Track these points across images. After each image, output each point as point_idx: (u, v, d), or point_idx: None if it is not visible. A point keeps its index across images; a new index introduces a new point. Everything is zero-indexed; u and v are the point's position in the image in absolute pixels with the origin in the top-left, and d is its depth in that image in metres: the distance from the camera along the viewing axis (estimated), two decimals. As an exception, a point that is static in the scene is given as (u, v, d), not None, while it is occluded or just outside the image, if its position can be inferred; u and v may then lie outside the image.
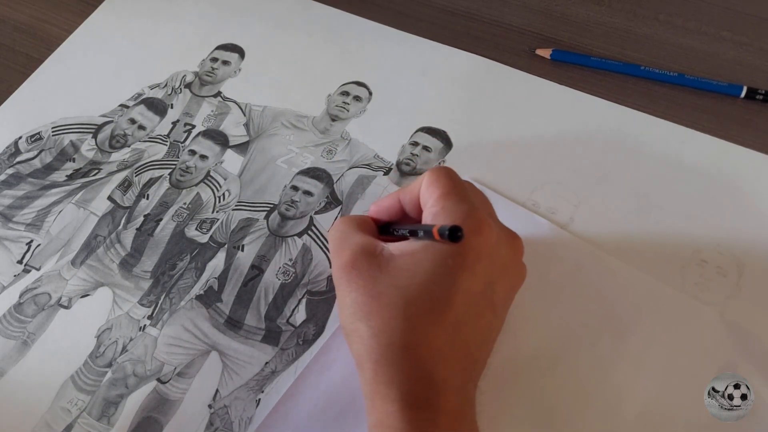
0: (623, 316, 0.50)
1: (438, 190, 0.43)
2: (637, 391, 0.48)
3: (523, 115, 0.61)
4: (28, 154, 0.63)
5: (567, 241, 0.48)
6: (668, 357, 0.48)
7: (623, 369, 0.48)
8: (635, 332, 0.50)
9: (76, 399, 0.51)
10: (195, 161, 0.61)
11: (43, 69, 0.69)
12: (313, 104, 0.64)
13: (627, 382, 0.48)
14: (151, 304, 0.54)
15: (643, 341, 0.49)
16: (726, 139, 0.58)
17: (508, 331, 0.47)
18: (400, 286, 0.41)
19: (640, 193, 0.56)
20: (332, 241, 0.46)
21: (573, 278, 0.52)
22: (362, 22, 0.69)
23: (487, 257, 0.42)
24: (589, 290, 0.52)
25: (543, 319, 0.51)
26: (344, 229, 0.46)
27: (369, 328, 0.41)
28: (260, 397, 0.50)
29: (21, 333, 0.54)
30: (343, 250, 0.44)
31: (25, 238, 0.58)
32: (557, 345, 0.49)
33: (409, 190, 0.47)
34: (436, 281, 0.41)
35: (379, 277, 0.42)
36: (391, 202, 0.48)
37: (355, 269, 0.42)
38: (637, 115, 0.60)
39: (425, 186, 0.45)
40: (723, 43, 0.65)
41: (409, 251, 0.42)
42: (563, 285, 0.52)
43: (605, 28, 0.67)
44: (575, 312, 0.51)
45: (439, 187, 0.44)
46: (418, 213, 0.46)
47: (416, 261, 0.41)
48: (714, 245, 0.53)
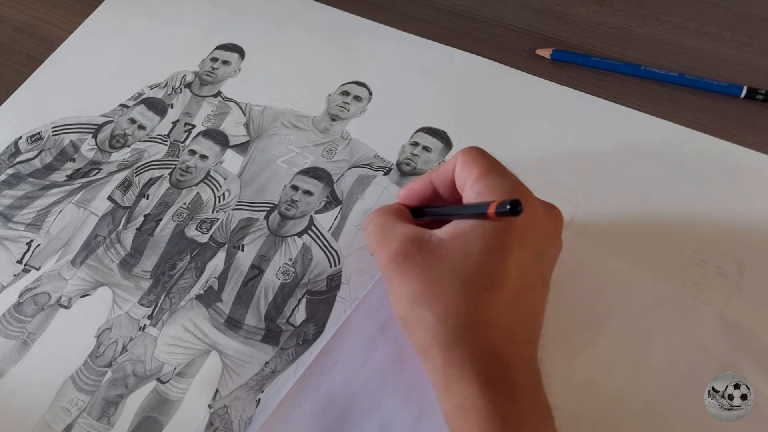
0: (624, 315, 0.51)
1: (477, 168, 0.44)
2: (637, 391, 0.48)
3: (523, 115, 0.61)
4: (29, 154, 0.63)
5: (567, 241, 0.48)
6: (669, 356, 0.49)
7: (624, 369, 0.49)
8: (636, 332, 0.50)
9: (76, 399, 0.51)
10: (195, 161, 0.61)
11: (43, 69, 0.69)
12: (313, 104, 0.64)
13: (627, 382, 0.48)
14: (151, 303, 0.55)
15: (644, 341, 0.49)
16: (726, 139, 0.58)
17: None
18: (457, 268, 0.41)
19: (640, 194, 0.56)
20: (373, 235, 0.46)
21: (573, 278, 0.52)
22: (363, 21, 0.69)
23: (533, 229, 0.43)
24: (590, 290, 0.52)
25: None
26: (383, 221, 0.46)
27: (432, 314, 0.41)
28: (260, 396, 0.50)
29: (21, 333, 0.54)
30: (389, 242, 0.44)
31: (25, 237, 0.59)
32: (557, 345, 0.49)
33: (442, 172, 0.47)
34: (490, 259, 0.41)
35: (433, 263, 0.42)
36: (422, 185, 0.48)
37: (407, 259, 0.42)
38: (637, 115, 0.60)
39: (461, 167, 0.45)
40: (723, 43, 0.65)
41: (460, 232, 0.42)
42: (563, 284, 0.52)
43: (606, 28, 0.67)
44: (575, 312, 0.51)
45: (477, 166, 0.44)
46: (452, 194, 0.47)
47: (468, 241, 0.42)
48: (714, 245, 0.53)
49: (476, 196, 0.43)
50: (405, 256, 0.43)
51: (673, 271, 0.52)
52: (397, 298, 0.44)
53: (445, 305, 0.41)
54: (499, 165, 0.45)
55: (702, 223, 0.54)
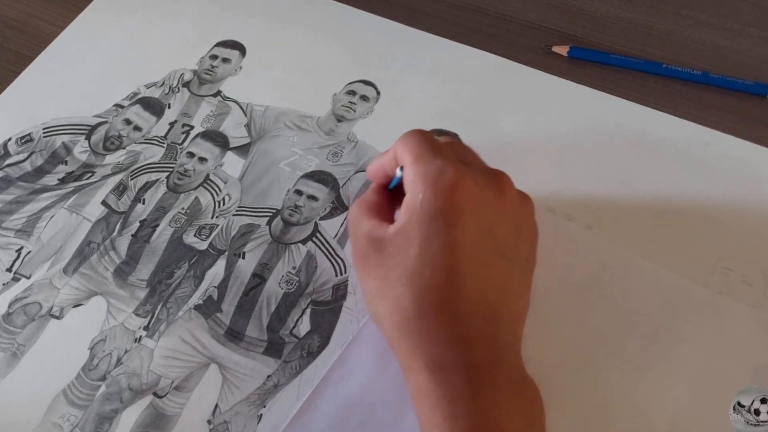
0: (651, 317, 0.50)
1: (408, 156, 0.46)
2: (666, 398, 0.48)
3: (538, 116, 0.61)
4: (18, 156, 0.63)
5: (591, 241, 0.49)
6: (700, 360, 0.49)
7: (652, 373, 0.48)
8: (665, 334, 0.50)
9: (68, 414, 0.51)
10: (193, 164, 0.61)
11: (33, 67, 0.69)
12: (317, 104, 0.64)
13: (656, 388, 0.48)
14: (147, 314, 0.55)
15: (674, 343, 0.49)
16: (752, 140, 0.58)
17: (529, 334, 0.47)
18: (401, 262, 0.43)
19: (661, 198, 0.56)
20: (349, 231, 0.49)
21: (598, 279, 0.52)
22: (369, 17, 0.69)
23: (472, 207, 0.44)
24: (615, 291, 0.52)
25: (566, 322, 0.51)
26: (352, 217, 0.49)
27: (386, 308, 0.44)
28: (262, 412, 0.50)
29: (10, 344, 0.54)
30: (354, 241, 0.48)
31: (14, 244, 0.59)
32: (582, 349, 0.49)
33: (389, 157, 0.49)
34: (430, 247, 0.43)
35: (384, 259, 0.45)
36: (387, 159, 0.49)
37: (365, 258, 0.46)
38: (658, 115, 0.60)
39: (399, 154, 0.47)
40: (749, 39, 0.65)
41: (401, 226, 0.44)
42: (588, 286, 0.52)
43: (625, 24, 0.67)
44: (601, 314, 0.51)
45: (409, 154, 0.46)
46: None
47: (408, 233, 0.44)
48: (739, 252, 0.53)
49: (410, 187, 0.45)
50: (363, 256, 0.46)
51: (697, 280, 0.52)
52: (363, 296, 0.49)
53: (394, 299, 0.43)
54: (430, 147, 0.46)
55: (726, 229, 0.54)
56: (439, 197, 0.43)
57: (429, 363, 0.41)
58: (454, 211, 0.43)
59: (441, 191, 0.43)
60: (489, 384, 0.41)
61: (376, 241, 0.45)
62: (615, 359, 0.49)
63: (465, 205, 0.43)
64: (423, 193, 0.43)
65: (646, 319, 0.51)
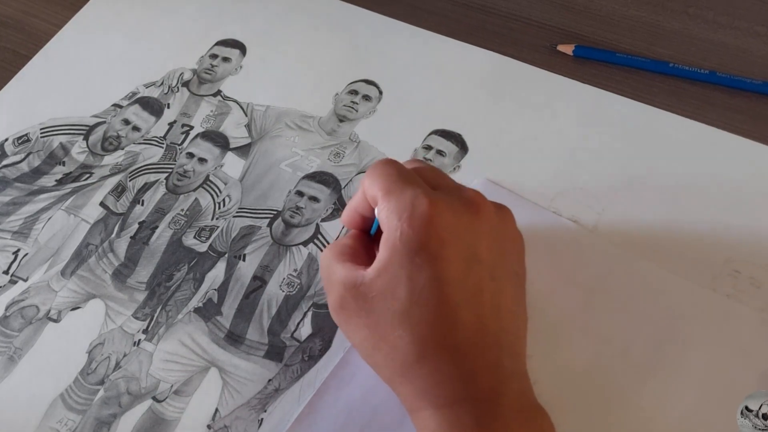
0: (657, 321, 0.50)
1: (378, 191, 0.44)
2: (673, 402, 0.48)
3: (543, 116, 0.61)
4: (15, 157, 0.63)
5: (596, 244, 0.48)
6: (707, 364, 0.49)
7: (659, 378, 0.48)
8: (671, 337, 0.50)
9: (65, 419, 0.51)
10: (193, 165, 0.61)
11: (30, 66, 0.69)
12: (319, 104, 0.64)
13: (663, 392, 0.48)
14: (146, 317, 0.54)
15: (681, 346, 0.49)
16: (760, 140, 0.58)
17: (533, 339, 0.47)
18: (389, 306, 0.42)
19: (667, 199, 0.56)
20: (323, 281, 0.48)
21: (602, 283, 0.52)
22: (372, 15, 0.69)
23: (451, 235, 0.43)
24: (620, 295, 0.52)
25: (571, 326, 0.51)
26: (325, 265, 0.47)
27: (383, 357, 0.43)
28: (263, 416, 0.50)
29: (7, 348, 0.54)
30: (330, 291, 0.46)
31: (11, 246, 0.59)
32: (587, 353, 0.49)
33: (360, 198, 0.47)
34: (417, 285, 0.42)
35: (368, 306, 0.43)
36: (355, 200, 0.48)
37: (344, 310, 0.44)
38: (665, 115, 0.60)
39: (367, 191, 0.46)
40: (757, 38, 0.64)
41: (382, 266, 0.43)
42: (592, 290, 0.52)
43: (631, 23, 0.67)
44: (606, 318, 0.51)
45: (378, 188, 0.44)
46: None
47: (391, 273, 0.42)
48: (747, 254, 0.53)
49: (385, 223, 0.43)
50: (342, 306, 0.44)
51: (704, 283, 0.52)
52: (354, 347, 0.47)
53: (389, 346, 0.42)
54: (398, 178, 0.45)
55: (734, 231, 0.54)
56: (416, 230, 0.41)
57: (434, 401, 0.41)
58: (434, 242, 0.42)
59: (418, 224, 0.41)
60: (496, 417, 0.41)
61: (353, 287, 0.44)
62: (621, 363, 0.49)
63: (444, 235, 0.42)
64: (400, 229, 0.42)
65: (653, 322, 0.50)
